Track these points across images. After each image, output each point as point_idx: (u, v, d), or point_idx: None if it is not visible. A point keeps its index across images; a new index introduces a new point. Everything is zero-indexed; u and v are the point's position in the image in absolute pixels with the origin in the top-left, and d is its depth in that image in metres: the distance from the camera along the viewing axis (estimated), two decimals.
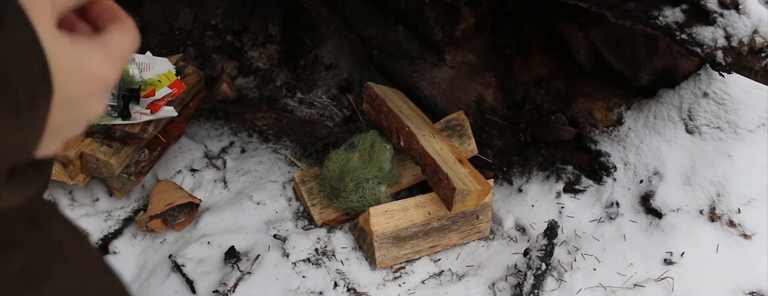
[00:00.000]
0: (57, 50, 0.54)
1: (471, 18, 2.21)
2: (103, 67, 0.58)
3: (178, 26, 2.74)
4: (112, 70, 0.59)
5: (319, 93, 2.62)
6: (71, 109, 0.58)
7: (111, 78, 0.59)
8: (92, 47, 0.59)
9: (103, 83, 0.59)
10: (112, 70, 0.59)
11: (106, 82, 0.59)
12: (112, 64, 0.59)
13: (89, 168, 2.07)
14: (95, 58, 0.58)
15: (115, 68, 0.59)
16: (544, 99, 2.32)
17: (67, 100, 0.57)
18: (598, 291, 1.92)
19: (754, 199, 1.96)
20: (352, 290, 2.00)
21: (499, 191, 2.23)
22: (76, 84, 0.57)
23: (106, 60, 0.59)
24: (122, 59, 0.60)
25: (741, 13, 1.68)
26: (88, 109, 0.60)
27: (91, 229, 2.11)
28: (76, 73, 0.57)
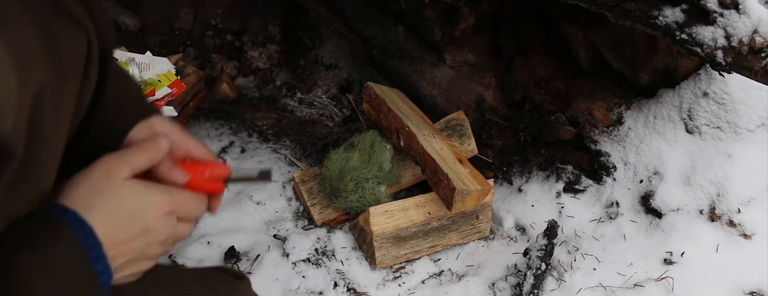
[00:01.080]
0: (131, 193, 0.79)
1: (471, 18, 2.21)
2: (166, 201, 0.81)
3: (178, 26, 2.75)
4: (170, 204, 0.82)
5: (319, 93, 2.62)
6: (148, 234, 0.80)
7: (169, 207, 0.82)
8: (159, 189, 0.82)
9: (164, 210, 0.81)
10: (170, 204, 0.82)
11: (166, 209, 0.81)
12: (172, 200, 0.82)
13: None
14: (160, 196, 0.81)
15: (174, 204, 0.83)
16: (544, 99, 2.32)
17: (144, 227, 0.79)
18: (598, 291, 1.92)
19: (754, 199, 1.96)
20: (352, 290, 2.00)
21: (499, 191, 2.23)
22: (148, 214, 0.79)
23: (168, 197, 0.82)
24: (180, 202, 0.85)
25: (741, 13, 1.68)
26: (159, 232, 0.81)
27: None
28: (148, 206, 0.79)
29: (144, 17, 2.76)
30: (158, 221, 0.80)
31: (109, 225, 0.75)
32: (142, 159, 0.82)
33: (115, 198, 0.77)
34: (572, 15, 2.24)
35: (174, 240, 0.86)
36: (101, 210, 0.75)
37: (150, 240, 0.80)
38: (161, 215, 0.80)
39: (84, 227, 0.74)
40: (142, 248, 0.80)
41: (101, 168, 0.78)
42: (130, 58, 2.15)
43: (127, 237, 0.77)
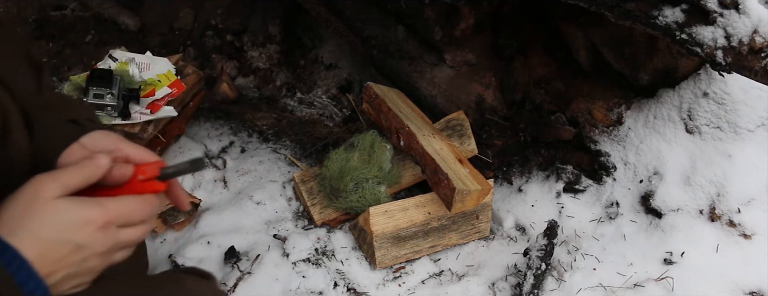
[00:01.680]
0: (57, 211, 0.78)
1: (471, 18, 2.21)
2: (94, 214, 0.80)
3: (178, 26, 2.75)
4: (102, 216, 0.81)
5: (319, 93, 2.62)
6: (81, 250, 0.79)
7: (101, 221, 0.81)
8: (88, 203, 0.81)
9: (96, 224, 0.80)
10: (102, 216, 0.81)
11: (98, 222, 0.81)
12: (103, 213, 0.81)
13: None
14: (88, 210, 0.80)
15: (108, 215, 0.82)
16: (544, 99, 2.32)
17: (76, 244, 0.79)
18: (598, 291, 1.92)
19: (754, 199, 1.96)
20: (352, 290, 2.00)
21: (499, 191, 2.23)
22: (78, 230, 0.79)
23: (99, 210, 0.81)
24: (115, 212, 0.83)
25: (741, 13, 1.68)
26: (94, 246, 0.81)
27: None
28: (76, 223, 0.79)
29: (144, 17, 2.76)
30: (91, 236, 0.80)
31: (37, 246, 0.76)
32: (76, 177, 0.82)
33: (41, 218, 0.77)
34: (572, 15, 2.24)
35: (120, 248, 0.86)
36: (27, 232, 0.77)
37: (86, 255, 0.81)
38: (94, 230, 0.80)
39: (8, 251, 0.75)
40: (78, 262, 0.80)
41: (29, 190, 0.79)
42: (130, 58, 2.15)
43: (59, 256, 0.78)
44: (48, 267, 0.77)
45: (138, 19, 2.74)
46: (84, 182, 0.83)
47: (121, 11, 2.73)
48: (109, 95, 1.99)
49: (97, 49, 2.61)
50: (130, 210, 0.85)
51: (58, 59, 2.60)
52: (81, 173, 0.83)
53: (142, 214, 0.86)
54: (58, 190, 0.80)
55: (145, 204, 0.87)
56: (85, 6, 2.75)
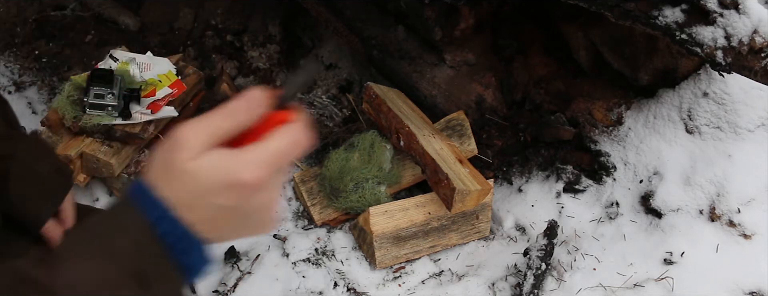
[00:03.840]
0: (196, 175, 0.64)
1: (471, 18, 2.21)
2: (245, 176, 0.64)
3: (178, 26, 2.74)
4: (257, 176, 0.65)
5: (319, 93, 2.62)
6: (236, 211, 0.67)
7: (254, 182, 0.65)
8: (234, 162, 0.65)
9: (248, 187, 0.65)
10: (258, 176, 0.65)
11: (251, 184, 0.65)
12: (259, 170, 0.65)
13: (90, 169, 2.07)
14: (236, 172, 0.64)
15: (264, 173, 0.65)
16: (544, 99, 2.32)
17: (226, 207, 0.66)
18: (598, 291, 1.92)
19: (754, 199, 1.96)
20: (352, 290, 2.00)
21: (499, 191, 2.23)
22: (225, 195, 0.65)
23: (249, 169, 0.65)
24: (274, 163, 0.66)
25: (741, 13, 1.68)
26: (252, 203, 0.67)
27: None
28: (221, 187, 0.65)
29: (144, 17, 2.76)
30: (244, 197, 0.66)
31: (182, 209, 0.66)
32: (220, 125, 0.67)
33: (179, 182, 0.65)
34: (572, 15, 2.24)
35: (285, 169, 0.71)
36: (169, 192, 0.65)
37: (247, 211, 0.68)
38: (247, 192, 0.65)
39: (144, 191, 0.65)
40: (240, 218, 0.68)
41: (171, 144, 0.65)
42: (130, 58, 2.15)
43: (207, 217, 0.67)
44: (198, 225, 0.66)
45: (138, 19, 2.74)
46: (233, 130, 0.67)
47: (121, 11, 2.73)
48: (110, 95, 1.99)
49: (97, 49, 2.61)
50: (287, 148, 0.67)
51: (58, 59, 2.60)
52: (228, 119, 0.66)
53: (303, 144, 0.68)
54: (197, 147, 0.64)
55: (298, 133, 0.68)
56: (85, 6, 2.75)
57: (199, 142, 0.65)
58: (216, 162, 0.65)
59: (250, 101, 0.67)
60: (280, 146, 0.67)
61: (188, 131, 0.65)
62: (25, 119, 2.39)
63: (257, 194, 0.66)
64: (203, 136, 0.65)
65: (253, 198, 0.66)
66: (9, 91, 2.48)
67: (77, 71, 2.46)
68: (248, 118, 0.67)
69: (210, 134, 0.65)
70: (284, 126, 0.68)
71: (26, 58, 2.60)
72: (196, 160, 0.64)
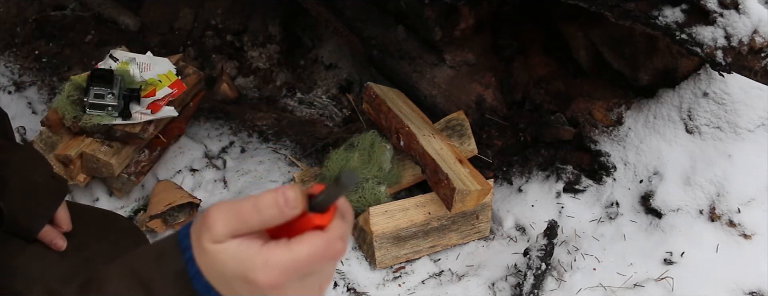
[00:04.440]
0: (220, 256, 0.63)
1: (471, 18, 2.21)
2: (263, 277, 0.62)
3: (178, 26, 2.75)
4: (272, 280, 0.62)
5: (319, 93, 2.62)
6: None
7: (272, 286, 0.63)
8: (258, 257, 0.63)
9: (266, 289, 0.63)
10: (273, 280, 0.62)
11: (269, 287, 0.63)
12: (275, 275, 0.62)
13: (90, 169, 2.07)
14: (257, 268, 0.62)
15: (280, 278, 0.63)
16: (544, 99, 2.32)
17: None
18: (598, 291, 1.92)
19: (754, 199, 1.96)
20: (352, 290, 2.00)
21: (499, 191, 2.23)
22: (243, 286, 0.64)
23: (268, 271, 0.62)
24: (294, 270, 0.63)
25: (741, 13, 1.68)
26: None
27: None
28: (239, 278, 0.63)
29: (144, 17, 2.76)
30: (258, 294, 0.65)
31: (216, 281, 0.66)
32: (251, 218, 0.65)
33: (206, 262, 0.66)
34: (572, 15, 2.24)
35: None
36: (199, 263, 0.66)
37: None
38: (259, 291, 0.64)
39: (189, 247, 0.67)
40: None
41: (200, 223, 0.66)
42: (130, 58, 2.15)
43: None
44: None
45: (138, 19, 2.74)
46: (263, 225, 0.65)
47: (121, 11, 2.73)
48: (110, 95, 1.99)
49: (97, 49, 2.61)
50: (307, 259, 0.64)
51: (58, 59, 2.60)
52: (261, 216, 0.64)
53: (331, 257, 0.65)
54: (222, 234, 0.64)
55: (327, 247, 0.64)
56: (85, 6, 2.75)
57: (224, 228, 0.64)
58: (236, 253, 0.64)
59: (285, 202, 0.63)
60: (303, 253, 0.63)
61: (217, 213, 0.64)
62: (25, 119, 2.39)
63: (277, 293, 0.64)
64: (229, 225, 0.64)
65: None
66: (9, 91, 2.48)
67: (77, 71, 2.46)
68: (278, 218, 0.64)
69: (235, 225, 0.64)
70: (315, 232, 0.64)
71: (26, 58, 2.60)
72: (218, 244, 0.64)
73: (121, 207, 2.18)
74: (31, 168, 1.35)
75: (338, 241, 0.64)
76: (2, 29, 2.68)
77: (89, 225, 1.41)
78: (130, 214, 2.17)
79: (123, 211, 2.17)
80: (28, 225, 1.30)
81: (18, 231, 1.29)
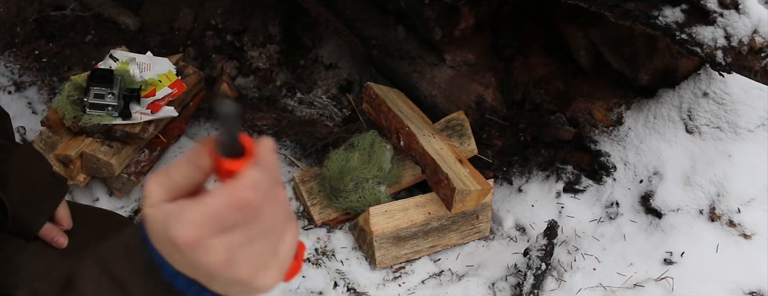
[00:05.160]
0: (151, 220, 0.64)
1: (471, 18, 2.21)
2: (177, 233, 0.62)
3: (178, 26, 2.74)
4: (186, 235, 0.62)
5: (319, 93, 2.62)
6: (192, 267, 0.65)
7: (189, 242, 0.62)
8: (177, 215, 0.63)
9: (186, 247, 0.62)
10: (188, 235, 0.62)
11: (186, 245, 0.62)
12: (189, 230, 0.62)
13: (90, 168, 2.07)
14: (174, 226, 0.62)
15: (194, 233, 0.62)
16: (544, 99, 2.32)
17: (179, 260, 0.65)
18: (598, 291, 1.92)
19: (754, 199, 1.96)
20: (352, 290, 2.00)
21: (499, 191, 2.23)
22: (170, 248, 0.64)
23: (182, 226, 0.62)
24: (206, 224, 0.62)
25: (741, 13, 1.68)
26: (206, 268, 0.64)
27: None
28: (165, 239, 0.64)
29: (144, 17, 2.76)
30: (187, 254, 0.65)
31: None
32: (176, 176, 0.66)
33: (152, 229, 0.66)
34: (572, 15, 2.24)
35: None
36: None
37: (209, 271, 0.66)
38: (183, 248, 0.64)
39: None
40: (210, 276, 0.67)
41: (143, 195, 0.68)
42: (130, 58, 2.15)
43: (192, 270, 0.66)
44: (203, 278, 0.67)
45: (138, 19, 2.74)
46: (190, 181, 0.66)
47: (121, 11, 2.73)
48: (110, 95, 1.99)
49: (97, 49, 2.61)
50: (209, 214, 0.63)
51: (58, 59, 2.60)
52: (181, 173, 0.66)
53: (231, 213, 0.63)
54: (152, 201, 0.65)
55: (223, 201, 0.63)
56: (85, 6, 2.75)
57: (157, 193, 0.65)
58: (161, 215, 0.64)
59: (193, 153, 0.65)
60: (210, 204, 0.62)
61: (151, 180, 0.66)
62: (25, 119, 2.39)
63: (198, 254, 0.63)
64: (161, 186, 0.65)
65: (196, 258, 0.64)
66: (9, 91, 2.48)
67: (77, 71, 2.46)
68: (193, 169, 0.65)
69: (166, 187, 0.65)
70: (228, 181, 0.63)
71: (26, 58, 2.60)
72: (151, 208, 0.65)
73: (121, 207, 2.18)
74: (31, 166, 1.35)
75: (245, 188, 0.62)
76: (2, 29, 2.68)
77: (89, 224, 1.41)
78: (130, 214, 2.17)
79: (123, 211, 2.17)
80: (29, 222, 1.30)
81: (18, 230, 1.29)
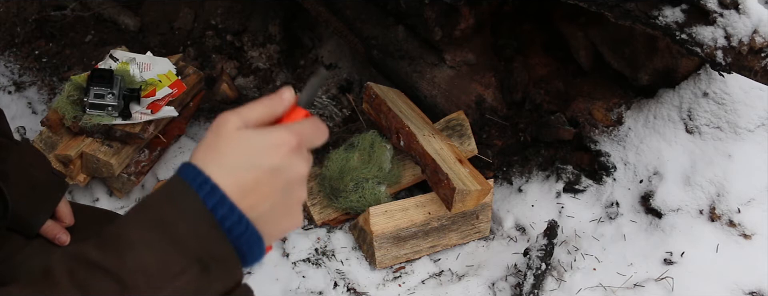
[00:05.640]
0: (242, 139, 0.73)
1: (471, 18, 2.21)
2: (284, 136, 0.74)
3: (178, 26, 2.74)
4: (292, 137, 0.75)
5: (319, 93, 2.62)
6: (278, 174, 0.74)
7: (294, 142, 0.75)
8: (274, 128, 0.76)
9: (289, 146, 0.74)
10: (293, 137, 0.75)
11: (290, 144, 0.74)
12: (293, 134, 0.75)
13: (90, 168, 2.07)
14: (277, 133, 0.74)
15: (297, 136, 0.75)
16: (544, 99, 2.32)
17: (271, 168, 0.73)
18: (598, 291, 1.92)
19: (754, 199, 1.96)
20: (352, 290, 2.00)
21: (499, 191, 2.23)
22: (269, 153, 0.73)
23: (287, 132, 0.75)
24: (301, 133, 0.76)
25: (741, 13, 1.68)
26: (292, 168, 0.75)
27: None
28: (265, 146, 0.73)
29: (144, 17, 2.76)
30: (286, 158, 0.74)
31: (230, 174, 0.71)
32: (256, 109, 0.77)
33: (227, 148, 0.72)
34: (572, 15, 2.24)
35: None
36: (216, 163, 0.72)
37: (286, 180, 0.74)
38: (287, 151, 0.74)
39: (199, 177, 0.71)
40: (281, 190, 0.74)
41: (213, 127, 0.75)
42: (130, 58, 2.15)
43: (256, 183, 0.72)
44: (247, 198, 0.72)
45: (138, 19, 2.74)
46: (267, 115, 0.78)
47: (121, 11, 2.73)
48: (110, 95, 1.99)
49: (97, 49, 2.61)
50: (312, 130, 0.78)
51: (58, 59, 2.60)
52: (260, 105, 0.77)
53: (322, 134, 0.79)
54: (238, 122, 0.74)
55: (320, 124, 0.79)
56: (85, 6, 2.75)
57: (242, 118, 0.75)
58: (259, 131, 0.74)
59: (281, 93, 0.78)
60: (308, 126, 0.77)
61: (231, 113, 0.75)
62: (25, 119, 2.39)
63: (295, 159, 0.74)
64: (244, 116, 0.75)
65: (293, 163, 0.74)
66: (9, 91, 2.48)
67: (77, 71, 2.46)
68: (279, 106, 0.78)
69: (249, 116, 0.75)
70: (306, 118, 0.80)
71: (26, 58, 2.60)
72: (242, 130, 0.74)
73: (121, 207, 2.18)
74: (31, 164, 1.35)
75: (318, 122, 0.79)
76: (2, 29, 2.68)
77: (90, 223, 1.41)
78: None
79: (123, 211, 2.17)
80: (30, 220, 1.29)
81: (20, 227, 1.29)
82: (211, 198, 0.70)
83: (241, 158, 0.72)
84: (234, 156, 0.72)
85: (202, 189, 0.70)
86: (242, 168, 0.72)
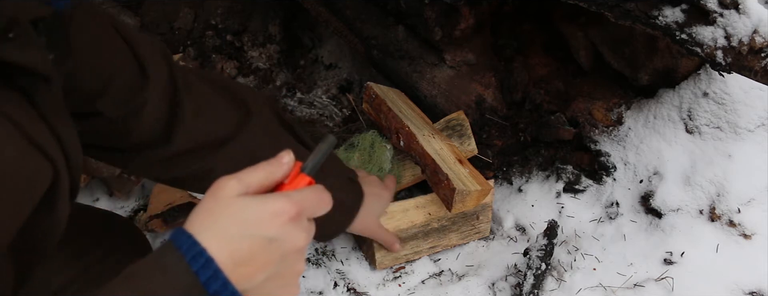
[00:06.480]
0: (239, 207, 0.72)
1: (471, 18, 2.21)
2: (282, 205, 0.73)
3: (177, 26, 2.75)
4: (291, 207, 0.74)
5: (319, 93, 2.62)
6: (274, 245, 0.73)
7: (294, 211, 0.74)
8: (274, 195, 0.75)
9: (288, 216, 0.73)
10: (292, 207, 0.74)
11: (289, 214, 0.73)
12: (292, 203, 0.74)
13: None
14: (276, 201, 0.74)
15: (297, 205, 0.74)
16: (544, 99, 2.32)
17: (267, 239, 0.72)
18: (598, 291, 1.92)
19: (754, 199, 1.96)
20: (352, 290, 2.00)
21: (499, 191, 2.23)
22: (267, 223, 0.72)
23: (287, 201, 0.74)
24: (302, 202, 0.76)
25: (741, 13, 1.68)
26: (289, 239, 0.74)
27: None
28: (263, 216, 0.72)
29: (144, 17, 2.76)
30: (283, 228, 0.73)
31: (224, 245, 0.70)
32: (256, 174, 0.76)
33: (224, 216, 0.71)
34: (572, 15, 2.24)
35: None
36: (211, 231, 0.71)
37: (283, 251, 0.73)
38: (284, 221, 0.73)
39: (194, 248, 0.70)
40: (277, 261, 0.73)
41: (210, 192, 0.74)
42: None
43: (251, 254, 0.70)
44: (241, 268, 0.70)
45: (138, 19, 2.74)
46: (265, 180, 0.77)
47: (121, 11, 2.73)
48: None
49: None
50: (314, 199, 0.77)
51: None
52: (260, 170, 0.77)
53: (325, 204, 0.78)
54: (239, 188, 0.73)
55: (323, 194, 0.79)
56: None
57: (243, 184, 0.74)
58: (258, 198, 0.74)
59: (281, 158, 0.78)
60: (310, 194, 0.77)
61: (230, 178, 0.75)
62: None
63: (293, 230, 0.74)
64: (244, 182, 0.75)
65: (291, 233, 0.74)
66: None
67: None
68: (278, 171, 0.78)
69: (250, 181, 0.75)
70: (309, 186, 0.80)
71: None
72: (241, 196, 0.73)
73: (121, 207, 2.18)
74: None
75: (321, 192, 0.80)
76: None
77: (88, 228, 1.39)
78: (130, 214, 2.17)
79: (123, 211, 2.17)
80: None
81: None
82: (205, 272, 0.69)
83: (237, 227, 0.71)
84: (230, 225, 0.71)
85: (195, 261, 0.69)
86: (238, 238, 0.71)
